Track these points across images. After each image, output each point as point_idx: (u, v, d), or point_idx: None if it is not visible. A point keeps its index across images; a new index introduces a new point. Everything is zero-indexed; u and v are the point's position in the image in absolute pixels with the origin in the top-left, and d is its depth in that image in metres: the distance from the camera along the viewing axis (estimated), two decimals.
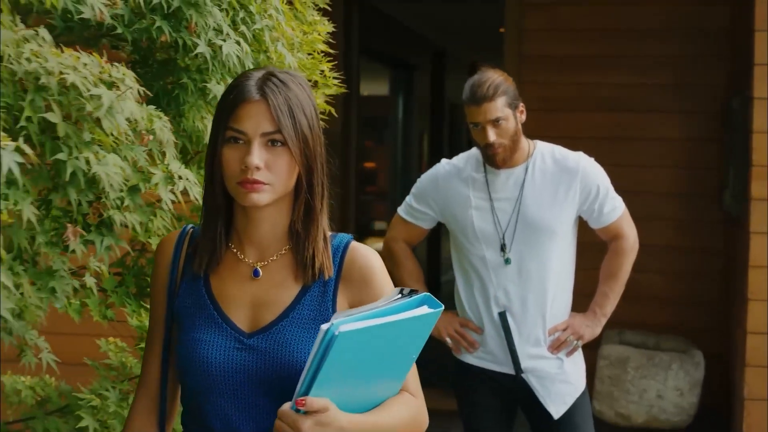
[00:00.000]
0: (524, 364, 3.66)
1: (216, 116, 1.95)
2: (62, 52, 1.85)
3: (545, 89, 6.99)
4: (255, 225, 2.00)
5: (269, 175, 1.90)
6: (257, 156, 1.88)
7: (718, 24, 7.10)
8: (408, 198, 3.87)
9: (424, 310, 1.82)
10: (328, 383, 1.78)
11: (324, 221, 2.01)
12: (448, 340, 3.77)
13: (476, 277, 3.70)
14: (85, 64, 1.85)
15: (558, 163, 3.65)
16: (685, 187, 7.17)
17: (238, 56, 2.25)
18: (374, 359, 1.83)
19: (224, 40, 2.22)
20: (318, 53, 2.93)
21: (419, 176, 3.89)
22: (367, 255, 2.04)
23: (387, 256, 3.91)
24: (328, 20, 2.99)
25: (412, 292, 1.84)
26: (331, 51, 2.98)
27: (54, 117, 1.78)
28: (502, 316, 3.65)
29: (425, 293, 1.83)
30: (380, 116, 12.27)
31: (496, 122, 3.55)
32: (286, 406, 1.80)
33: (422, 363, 2.08)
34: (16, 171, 1.62)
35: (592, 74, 7.24)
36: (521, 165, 3.65)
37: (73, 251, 1.97)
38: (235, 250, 2.02)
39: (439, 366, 4.88)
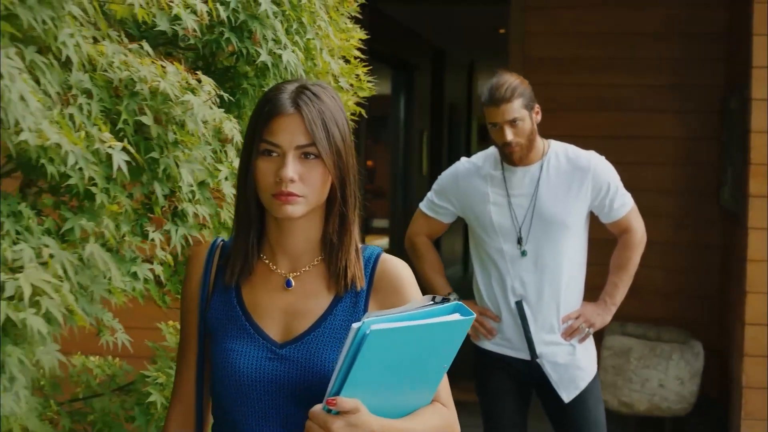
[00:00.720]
0: (539, 350, 3.86)
1: (250, 128, 1.96)
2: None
3: (548, 90, 7.07)
4: (288, 236, 2.00)
5: (303, 188, 1.91)
6: (291, 169, 1.89)
7: (716, 27, 7.20)
8: (429, 194, 4.07)
9: (456, 317, 1.82)
10: (359, 384, 1.77)
11: (356, 232, 2.02)
12: None
13: (494, 268, 3.90)
14: (169, 72, 2.08)
15: (571, 162, 3.85)
16: (683, 185, 7.27)
17: (294, 64, 2.47)
18: (405, 363, 1.82)
19: (283, 50, 2.44)
20: (354, 59, 3.15)
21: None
22: (397, 266, 2.05)
23: (409, 249, 4.12)
24: (360, 27, 3.21)
25: (445, 299, 1.83)
26: (363, 56, 3.21)
27: (147, 120, 2.01)
28: (519, 304, 3.85)
29: (457, 302, 1.83)
30: (380, 116, 12.43)
31: (513, 122, 3.74)
32: (318, 407, 1.80)
33: None
34: (124, 168, 1.85)
35: (593, 75, 7.34)
36: (536, 163, 3.85)
37: (152, 240, 2.18)
38: (267, 261, 2.03)
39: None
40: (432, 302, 1.82)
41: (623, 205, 3.90)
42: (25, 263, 1.69)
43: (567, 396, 3.86)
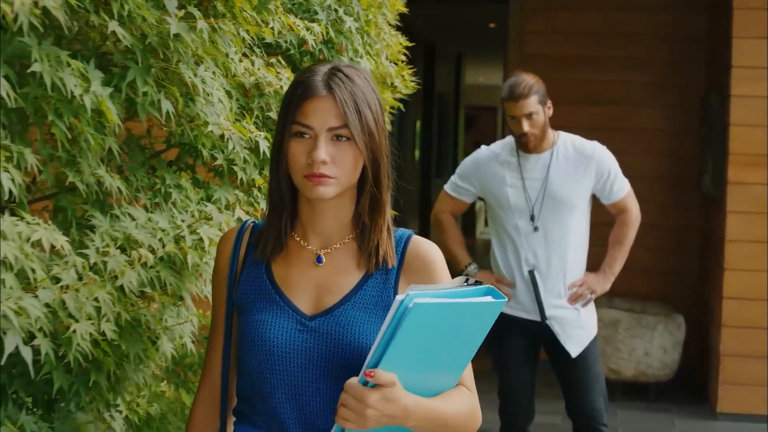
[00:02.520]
0: (548, 312, 4.44)
1: (282, 110, 1.96)
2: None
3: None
4: (319, 216, 1.99)
5: (335, 169, 1.90)
6: (323, 151, 1.88)
7: (697, 30, 7.68)
8: (453, 177, 4.66)
9: (490, 299, 1.79)
10: (397, 358, 1.75)
11: (389, 212, 2.01)
12: None
13: (509, 242, 4.49)
14: (283, 77, 2.67)
15: (577, 150, 4.44)
16: (667, 173, 7.74)
17: (368, 70, 3.07)
18: (440, 342, 1.80)
19: (360, 58, 3.04)
20: (401, 62, 3.72)
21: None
22: (428, 247, 2.03)
23: (435, 224, 4.72)
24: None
25: (477, 282, 1.80)
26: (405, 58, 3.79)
27: (273, 114, 2.60)
28: (531, 273, 4.44)
29: (488, 285, 1.81)
30: None
31: (529, 116, 4.33)
32: (354, 380, 1.77)
33: None
34: (267, 153, 2.44)
35: (586, 72, 7.77)
36: (547, 151, 4.43)
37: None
38: (298, 239, 2.02)
39: None
40: (465, 284, 1.81)
41: (621, 188, 4.49)
42: (194, 223, 2.29)
43: (574, 351, 4.43)
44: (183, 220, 2.29)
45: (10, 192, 1.59)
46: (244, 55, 2.50)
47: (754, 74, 6.48)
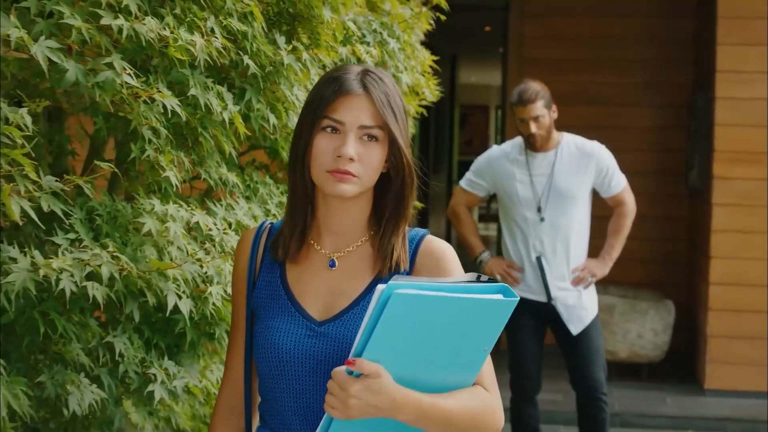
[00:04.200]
0: (553, 294, 4.90)
1: (309, 105, 1.91)
2: None
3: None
4: (335, 215, 1.96)
5: (360, 168, 1.87)
6: (352, 148, 1.85)
7: (685, 34, 8.00)
8: (468, 174, 5.14)
9: (496, 297, 1.73)
10: (383, 349, 1.71)
11: (409, 216, 1.98)
12: (498, 276, 5.05)
13: (519, 231, 4.97)
14: None
15: (579, 149, 4.91)
16: (656, 167, 8.03)
17: (407, 84, 3.58)
18: (439, 338, 1.74)
19: (400, 73, 3.54)
20: (428, 74, 4.20)
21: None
22: (440, 246, 1.99)
23: (452, 216, 5.22)
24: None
25: (491, 280, 1.75)
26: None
27: None
28: (538, 259, 4.91)
29: (503, 284, 1.75)
30: None
31: (536, 119, 4.80)
32: (341, 368, 1.74)
33: None
34: None
35: (581, 74, 8.06)
36: (552, 150, 4.90)
37: None
38: (312, 241, 1.99)
39: None
40: (476, 280, 1.76)
41: (619, 183, 4.97)
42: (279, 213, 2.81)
43: (575, 329, 4.91)
44: (269, 209, 2.81)
45: (175, 186, 2.11)
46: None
47: (737, 78, 6.80)
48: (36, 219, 1.85)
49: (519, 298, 1.75)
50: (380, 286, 1.66)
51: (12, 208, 1.79)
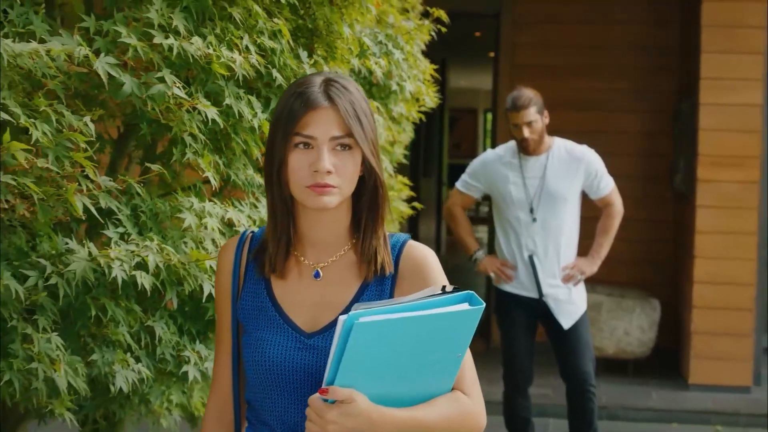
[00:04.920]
0: (545, 290, 5.12)
1: (279, 123, 1.91)
2: None
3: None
4: (317, 227, 1.97)
5: (338, 179, 1.87)
6: (327, 161, 1.85)
7: (670, 43, 8.16)
8: (463, 176, 5.37)
9: (462, 307, 1.74)
10: (354, 374, 1.73)
11: (385, 219, 1.99)
12: (492, 274, 5.30)
13: (512, 231, 5.20)
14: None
15: (569, 153, 5.13)
16: (642, 171, 8.18)
17: (410, 92, 3.82)
18: (409, 353, 1.76)
19: (404, 81, 3.79)
20: (428, 82, 4.44)
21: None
22: (422, 251, 2.00)
23: (447, 216, 5.46)
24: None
25: (456, 289, 1.77)
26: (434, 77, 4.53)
27: None
28: (530, 258, 5.13)
29: (468, 291, 1.77)
30: None
31: (529, 124, 5.03)
32: (316, 396, 1.77)
33: None
34: None
35: (571, 81, 8.21)
36: (544, 153, 5.13)
37: None
38: (296, 253, 1.99)
39: None
40: (441, 292, 1.77)
41: (607, 185, 5.19)
42: None
43: (566, 324, 5.13)
44: None
45: (213, 185, 2.37)
46: None
47: (721, 84, 7.00)
48: (97, 215, 2.10)
49: (485, 305, 1.77)
50: (341, 318, 1.69)
51: (76, 205, 2.03)
